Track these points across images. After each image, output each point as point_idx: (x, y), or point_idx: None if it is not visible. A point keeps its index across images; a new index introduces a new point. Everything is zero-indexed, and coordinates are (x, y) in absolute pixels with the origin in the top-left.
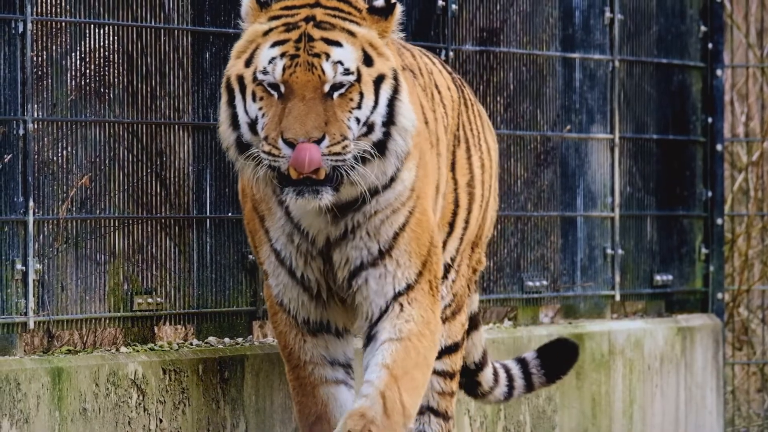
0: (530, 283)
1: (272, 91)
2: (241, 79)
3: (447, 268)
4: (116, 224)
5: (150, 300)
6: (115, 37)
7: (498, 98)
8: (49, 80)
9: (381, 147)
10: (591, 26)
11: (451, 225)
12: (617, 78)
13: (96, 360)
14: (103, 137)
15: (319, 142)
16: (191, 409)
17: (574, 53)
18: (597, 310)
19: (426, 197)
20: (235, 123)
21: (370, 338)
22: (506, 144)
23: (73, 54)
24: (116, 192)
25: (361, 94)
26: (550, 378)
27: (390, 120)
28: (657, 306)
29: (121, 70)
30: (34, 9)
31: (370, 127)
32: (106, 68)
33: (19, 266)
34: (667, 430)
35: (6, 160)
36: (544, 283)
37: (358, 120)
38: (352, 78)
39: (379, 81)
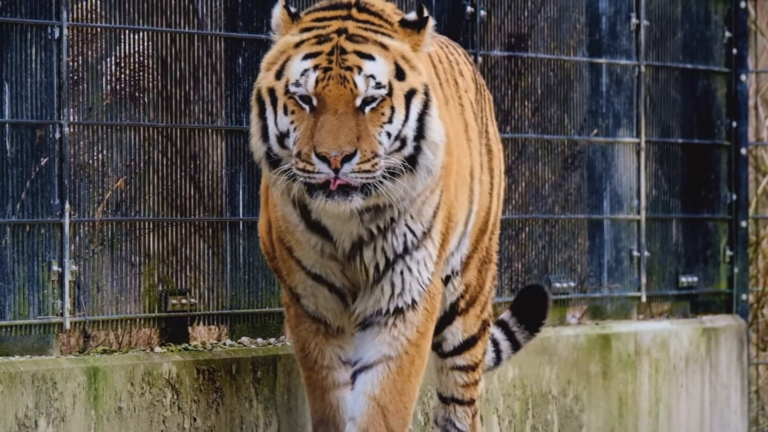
0: (558, 285)
1: (304, 105)
2: (272, 91)
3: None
4: (151, 226)
5: (184, 301)
6: (150, 43)
7: (526, 103)
8: (85, 85)
9: (412, 161)
10: (617, 32)
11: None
12: (643, 83)
13: (131, 360)
14: (138, 141)
15: (350, 157)
16: (225, 408)
17: (601, 58)
18: (623, 311)
19: (450, 172)
20: (265, 135)
21: (369, 324)
22: (534, 148)
23: (109, 59)
24: (151, 195)
25: (393, 108)
26: (532, 330)
27: (420, 134)
28: (682, 307)
29: (155, 75)
30: (70, 15)
31: (402, 142)
32: (141, 73)
33: (55, 267)
34: (693, 430)
35: (42, 163)
36: (572, 284)
37: (389, 134)
38: (383, 92)
39: (410, 95)
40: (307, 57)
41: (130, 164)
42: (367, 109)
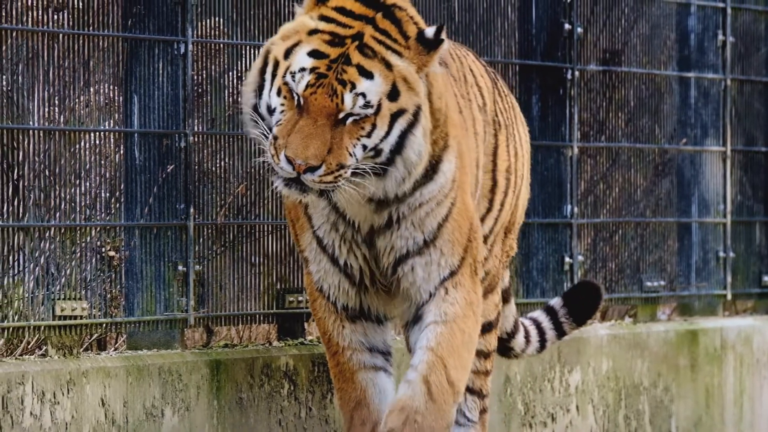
0: (649, 284)
1: (294, 95)
2: (276, 64)
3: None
4: (270, 229)
5: (300, 298)
6: None
7: (620, 114)
8: (208, 97)
9: (382, 169)
10: (705, 48)
11: (490, 202)
12: (729, 95)
13: (251, 353)
14: (258, 149)
15: (314, 169)
16: None
17: (690, 73)
18: (710, 309)
19: (465, 186)
20: (259, 94)
21: (415, 319)
22: (627, 156)
23: (231, 73)
24: (269, 199)
25: (374, 125)
26: (579, 322)
27: (398, 150)
28: (765, 305)
29: None
30: (195, 32)
31: (377, 153)
32: None
33: (180, 267)
34: None
35: (169, 170)
36: (662, 283)
37: (364, 147)
38: (370, 111)
39: (397, 115)
40: (311, 54)
41: (250, 171)
42: (349, 120)
